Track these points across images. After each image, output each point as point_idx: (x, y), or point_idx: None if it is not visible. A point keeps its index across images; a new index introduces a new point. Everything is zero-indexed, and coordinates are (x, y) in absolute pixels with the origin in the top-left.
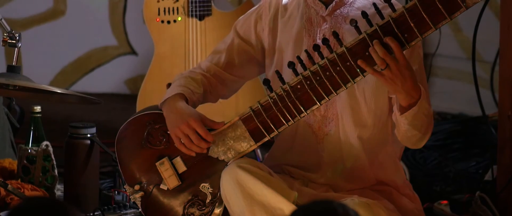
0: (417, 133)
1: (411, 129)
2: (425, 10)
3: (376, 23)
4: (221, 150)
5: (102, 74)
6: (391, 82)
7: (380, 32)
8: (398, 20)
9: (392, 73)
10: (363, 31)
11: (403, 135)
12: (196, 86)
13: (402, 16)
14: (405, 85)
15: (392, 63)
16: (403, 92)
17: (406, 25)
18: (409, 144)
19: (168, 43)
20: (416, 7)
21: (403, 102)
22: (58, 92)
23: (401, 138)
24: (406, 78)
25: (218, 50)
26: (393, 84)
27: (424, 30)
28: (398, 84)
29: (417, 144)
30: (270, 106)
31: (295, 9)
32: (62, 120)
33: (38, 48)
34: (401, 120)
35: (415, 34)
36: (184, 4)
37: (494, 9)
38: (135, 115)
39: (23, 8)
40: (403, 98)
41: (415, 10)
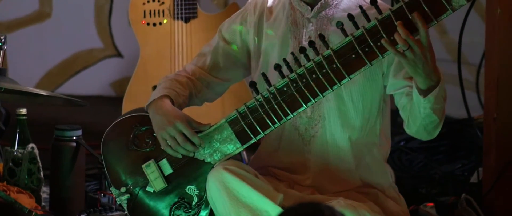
0: (436, 119)
1: (431, 114)
2: (411, 12)
3: (363, 25)
4: (207, 152)
5: (88, 77)
6: (413, 64)
7: (366, 34)
8: (384, 22)
9: (414, 55)
10: (349, 34)
11: (421, 124)
12: (181, 88)
13: (388, 19)
14: (426, 68)
15: (416, 45)
16: (424, 74)
17: (392, 27)
18: (424, 135)
19: (153, 46)
20: (402, 9)
21: (422, 85)
22: (44, 94)
23: (417, 129)
24: (427, 60)
25: (203, 53)
26: (415, 66)
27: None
28: (420, 66)
29: (433, 133)
30: (256, 108)
31: (281, 11)
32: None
33: (24, 50)
34: (422, 105)
35: None
36: (169, 6)
37: (480, 12)
38: (121, 118)
39: (8, 11)
40: (423, 81)
41: (401, 12)
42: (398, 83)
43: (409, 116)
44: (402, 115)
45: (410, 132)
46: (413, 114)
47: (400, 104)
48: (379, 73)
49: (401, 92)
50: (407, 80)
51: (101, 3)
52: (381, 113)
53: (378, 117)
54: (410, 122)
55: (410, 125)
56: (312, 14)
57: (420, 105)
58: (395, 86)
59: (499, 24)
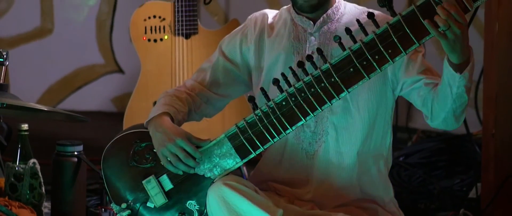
0: (466, 100)
1: (463, 93)
2: (408, 25)
3: (361, 39)
4: (207, 167)
5: (89, 92)
6: (452, 43)
7: (364, 48)
8: (382, 35)
9: (455, 35)
10: (347, 48)
11: (450, 107)
12: (181, 104)
13: (386, 32)
14: (462, 46)
15: (455, 25)
16: (460, 50)
17: (390, 41)
18: (452, 121)
19: (154, 62)
20: (400, 23)
21: (456, 60)
22: (45, 110)
23: (445, 116)
24: (465, 37)
25: (203, 68)
26: (452, 45)
27: (407, 45)
28: (457, 45)
29: (460, 119)
30: (255, 123)
31: (282, 27)
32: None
33: (26, 66)
34: (456, 84)
35: (399, 49)
36: (170, 22)
37: (478, 29)
38: (121, 134)
39: (10, 27)
40: (457, 56)
41: (399, 26)
42: (412, 79)
43: (435, 103)
44: (424, 109)
45: (437, 122)
46: (441, 99)
47: (420, 98)
48: (386, 85)
49: (419, 85)
50: (420, 74)
51: (103, 19)
52: (390, 126)
53: (387, 130)
54: (436, 111)
55: (437, 114)
56: (315, 29)
57: (454, 85)
58: (410, 82)
59: (497, 41)
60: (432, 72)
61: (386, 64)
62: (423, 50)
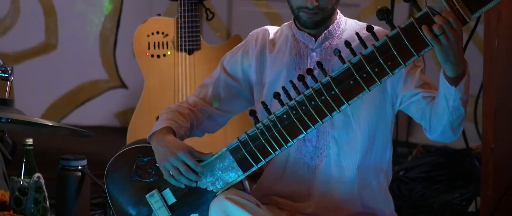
0: (462, 112)
1: (459, 106)
2: (407, 38)
3: (360, 52)
4: (209, 180)
5: (93, 107)
6: (446, 50)
7: (364, 61)
8: (381, 48)
9: (448, 41)
10: (347, 61)
11: (447, 120)
12: (183, 120)
13: (385, 45)
14: (456, 55)
15: (450, 31)
16: (454, 61)
17: (389, 53)
18: (449, 134)
19: (157, 77)
20: (399, 35)
21: (451, 73)
22: (49, 125)
23: (443, 129)
24: (459, 48)
25: (205, 84)
26: (447, 53)
27: (407, 57)
28: (451, 54)
29: (457, 131)
30: (257, 136)
31: (284, 43)
32: (53, 152)
33: (30, 81)
34: (452, 97)
35: (398, 62)
36: (173, 38)
37: (478, 44)
38: (124, 149)
39: (15, 43)
40: (452, 68)
41: (398, 38)
42: (410, 93)
43: (433, 116)
44: (422, 122)
45: (435, 135)
46: (438, 112)
47: (419, 111)
48: (385, 100)
49: (417, 99)
50: (418, 88)
51: (106, 35)
52: (390, 140)
53: (387, 144)
54: (434, 124)
55: (434, 127)
56: (316, 45)
57: (450, 97)
58: (408, 96)
59: (497, 57)
60: (430, 86)
61: (386, 77)
62: (422, 65)
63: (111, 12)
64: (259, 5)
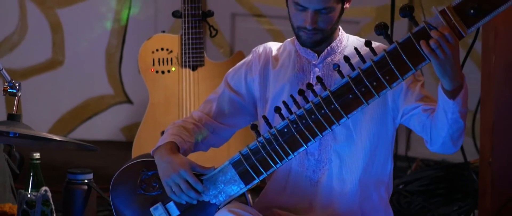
0: (462, 125)
1: (458, 118)
2: (405, 52)
3: (359, 66)
4: (212, 193)
5: (99, 122)
6: (443, 64)
7: (362, 75)
8: (379, 63)
9: (445, 54)
10: (346, 75)
11: (447, 133)
12: (187, 135)
13: (383, 59)
14: (453, 68)
15: (447, 45)
16: (452, 74)
17: (387, 68)
18: (449, 146)
19: (162, 92)
20: (396, 50)
21: (448, 86)
22: (56, 139)
23: (443, 141)
24: (456, 61)
25: (209, 100)
26: (444, 66)
27: (404, 71)
28: (448, 67)
29: (457, 143)
30: (258, 150)
31: (287, 59)
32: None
33: (38, 97)
34: (450, 110)
35: (396, 76)
36: (177, 55)
37: (476, 60)
38: (129, 163)
39: (23, 59)
40: (449, 82)
41: (395, 53)
42: (411, 107)
43: (433, 129)
44: (423, 134)
45: (436, 147)
46: (438, 125)
47: (419, 124)
48: (386, 114)
49: (417, 112)
50: (418, 101)
51: (112, 51)
52: (391, 153)
53: (388, 158)
54: (434, 136)
55: (435, 140)
56: (319, 61)
57: (448, 110)
58: (409, 110)
59: (494, 72)
60: (430, 99)
61: (384, 90)
62: (422, 80)
63: (117, 29)
64: (261, 22)
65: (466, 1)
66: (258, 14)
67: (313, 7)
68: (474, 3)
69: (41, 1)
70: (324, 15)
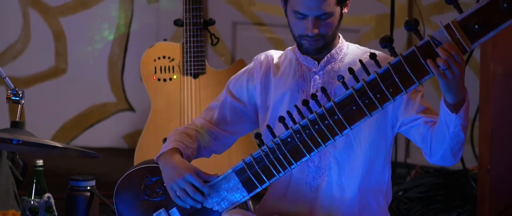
0: (462, 138)
1: (460, 132)
2: (409, 66)
3: (363, 78)
4: (215, 201)
5: (102, 129)
6: (450, 83)
7: (366, 87)
8: (383, 75)
9: (453, 74)
10: (350, 87)
11: (448, 145)
12: (190, 141)
13: (387, 72)
14: (459, 85)
15: (455, 65)
16: (456, 90)
17: (391, 80)
18: (449, 158)
19: (164, 100)
20: (401, 63)
21: (451, 100)
22: (59, 146)
23: (443, 153)
24: (462, 78)
25: (211, 107)
26: (449, 85)
27: (408, 84)
28: (454, 85)
29: (457, 155)
30: (261, 158)
31: (287, 66)
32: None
33: (41, 104)
34: (453, 123)
35: (400, 88)
36: (179, 63)
37: (474, 68)
38: (132, 169)
39: (26, 67)
40: (453, 96)
41: (400, 66)
42: (411, 118)
43: (433, 141)
44: (423, 146)
45: (435, 159)
46: (439, 137)
47: (419, 136)
48: (386, 122)
49: (418, 123)
50: (419, 113)
51: (114, 59)
52: (389, 161)
53: (386, 165)
54: (434, 149)
55: (435, 152)
56: (319, 68)
57: (450, 124)
58: (409, 121)
59: (493, 81)
60: (431, 111)
61: (387, 103)
62: (422, 90)
63: (119, 37)
64: (262, 31)
65: (471, 16)
66: (259, 22)
67: (313, 14)
68: (479, 18)
69: (44, 10)
70: (324, 21)
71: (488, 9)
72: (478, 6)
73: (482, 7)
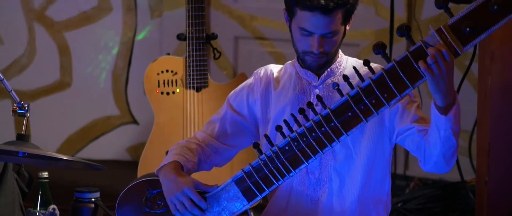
0: (454, 143)
1: (450, 136)
2: (402, 70)
3: (358, 85)
4: (216, 211)
5: (106, 142)
6: (437, 80)
7: (361, 93)
8: (377, 81)
9: (441, 72)
10: (345, 94)
11: (440, 151)
12: (191, 154)
13: (381, 78)
14: (446, 85)
15: (443, 61)
16: (444, 90)
17: (385, 86)
18: (443, 165)
19: (167, 113)
20: (394, 68)
21: (441, 102)
22: (64, 159)
23: (436, 160)
24: (449, 78)
25: (212, 121)
26: (437, 83)
27: (402, 89)
28: (442, 84)
29: (450, 162)
30: (260, 167)
31: (288, 81)
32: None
33: (46, 117)
34: (443, 126)
35: (394, 93)
36: (182, 76)
37: (472, 82)
38: (134, 182)
39: (31, 81)
40: (442, 97)
41: (393, 71)
42: (406, 128)
43: (426, 148)
44: (417, 153)
45: (429, 166)
46: (431, 142)
47: (414, 144)
48: (383, 133)
49: (412, 132)
50: (414, 123)
51: (118, 73)
52: (389, 172)
53: (386, 176)
54: (427, 155)
55: (428, 158)
56: (319, 82)
57: (441, 128)
58: (404, 130)
59: (490, 94)
60: (425, 120)
61: (382, 108)
62: (418, 101)
63: (123, 51)
64: (263, 45)
65: (461, 19)
66: (260, 37)
67: (320, 32)
68: (469, 21)
69: (50, 25)
70: (330, 39)
71: (479, 12)
72: (469, 10)
73: (473, 10)
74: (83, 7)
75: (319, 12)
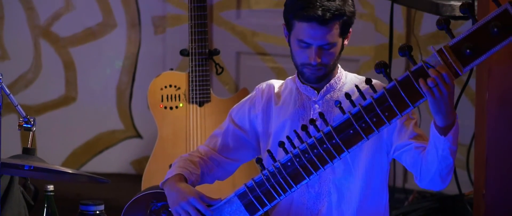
0: (451, 162)
1: (448, 155)
2: (403, 90)
3: (359, 103)
4: None
5: (110, 156)
6: (438, 102)
7: (363, 111)
8: (379, 100)
9: (441, 94)
10: (347, 112)
11: (436, 169)
12: (194, 167)
13: (382, 97)
14: (447, 107)
15: (443, 84)
16: (445, 112)
17: (387, 105)
18: (438, 182)
19: (170, 127)
20: (396, 88)
21: (441, 123)
22: (69, 172)
23: (432, 177)
24: (450, 100)
25: (215, 135)
26: (438, 104)
27: (403, 108)
28: (443, 105)
29: (446, 180)
30: (263, 182)
31: (288, 96)
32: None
33: (51, 131)
34: (441, 146)
35: (395, 112)
36: (185, 91)
37: (470, 97)
38: (139, 194)
39: (37, 95)
40: (442, 118)
41: (394, 90)
42: (403, 144)
43: (423, 165)
44: (413, 169)
45: (424, 183)
46: (428, 160)
47: (411, 160)
48: (381, 148)
49: (409, 148)
50: (411, 139)
51: (122, 88)
52: (386, 186)
53: (384, 190)
54: (424, 172)
55: (424, 175)
56: (318, 97)
57: (439, 147)
58: (401, 146)
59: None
60: (423, 137)
61: (383, 126)
62: (416, 118)
63: (127, 67)
64: (265, 60)
65: (462, 40)
66: (262, 52)
67: (317, 43)
68: (470, 43)
69: (55, 41)
70: (327, 51)
71: (479, 34)
72: (470, 31)
73: (473, 32)
74: (88, 23)
75: (316, 23)
